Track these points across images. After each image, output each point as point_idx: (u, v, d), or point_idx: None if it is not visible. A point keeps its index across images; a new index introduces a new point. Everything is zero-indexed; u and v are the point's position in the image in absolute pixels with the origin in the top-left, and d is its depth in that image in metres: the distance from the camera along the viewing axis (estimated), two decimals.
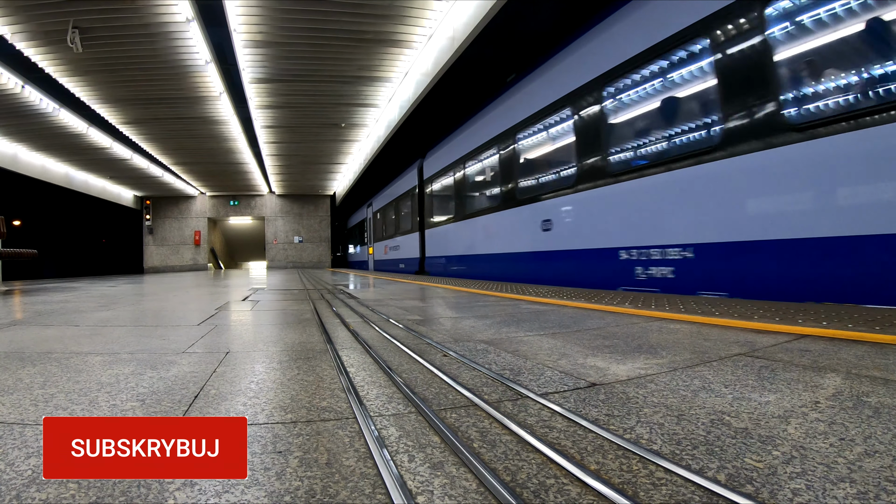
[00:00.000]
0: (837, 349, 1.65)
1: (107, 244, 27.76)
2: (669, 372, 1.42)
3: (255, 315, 3.13)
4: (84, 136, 12.42)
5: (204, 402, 1.19)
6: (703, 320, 2.36)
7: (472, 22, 6.53)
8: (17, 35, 7.27)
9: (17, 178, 13.87)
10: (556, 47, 5.60)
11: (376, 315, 2.99)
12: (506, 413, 1.08)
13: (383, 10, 7.04)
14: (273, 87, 9.77)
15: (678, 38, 3.75)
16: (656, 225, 4.08)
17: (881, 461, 0.79)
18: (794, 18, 3.00)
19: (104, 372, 1.51)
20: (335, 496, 0.72)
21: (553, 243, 5.46)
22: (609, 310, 2.94)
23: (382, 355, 1.74)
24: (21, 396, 1.24)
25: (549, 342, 1.97)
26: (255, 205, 22.30)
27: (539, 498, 0.71)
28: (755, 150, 3.19)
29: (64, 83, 9.09)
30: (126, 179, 18.19)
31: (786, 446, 0.86)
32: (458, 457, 0.85)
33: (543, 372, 1.46)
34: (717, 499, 0.69)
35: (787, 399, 1.13)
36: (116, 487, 0.74)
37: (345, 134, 13.14)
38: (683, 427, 0.97)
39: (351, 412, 1.11)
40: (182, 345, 2.00)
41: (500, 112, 6.88)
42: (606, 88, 4.55)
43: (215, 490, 0.74)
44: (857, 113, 2.67)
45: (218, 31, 7.62)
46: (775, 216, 3.14)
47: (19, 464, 0.83)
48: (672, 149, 3.94)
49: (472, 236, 7.76)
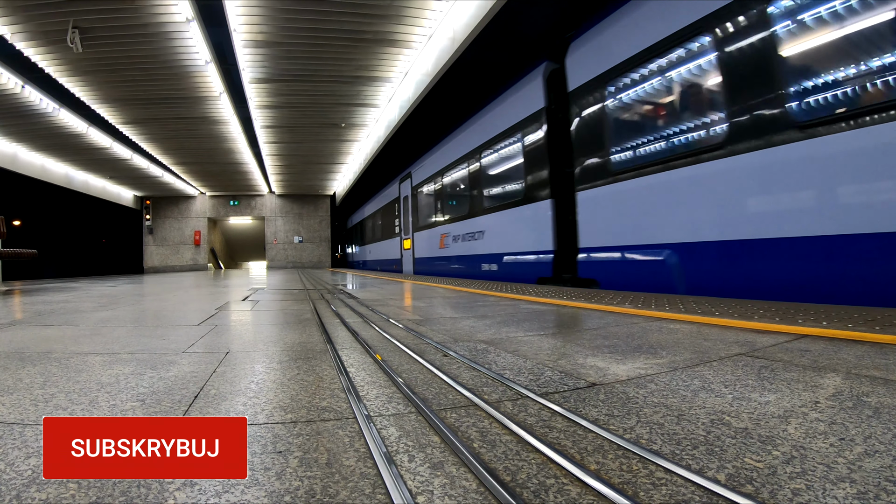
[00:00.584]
0: (837, 349, 1.65)
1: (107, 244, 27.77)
2: (669, 372, 1.42)
3: (255, 315, 3.13)
4: (84, 136, 12.42)
5: (204, 402, 1.19)
6: (703, 320, 2.36)
7: (472, 22, 6.53)
8: (17, 35, 7.27)
9: (17, 178, 13.87)
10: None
11: (376, 315, 2.99)
12: (506, 413, 1.08)
13: (383, 10, 7.04)
14: (273, 87, 9.77)
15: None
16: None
17: (881, 461, 0.79)
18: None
19: (104, 372, 1.51)
20: (335, 496, 0.72)
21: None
22: (609, 310, 2.94)
23: (382, 355, 1.74)
24: (21, 396, 1.24)
25: (549, 342, 1.97)
26: (255, 205, 22.30)
27: (539, 498, 0.71)
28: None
29: (64, 83, 9.09)
30: (126, 179, 18.19)
31: (786, 446, 0.86)
32: (458, 457, 0.85)
33: (543, 372, 1.46)
34: (717, 499, 0.69)
35: (787, 399, 1.13)
36: (116, 487, 0.74)
37: (345, 134, 13.15)
38: (683, 427, 0.97)
39: (351, 412, 1.11)
40: (182, 345, 2.00)
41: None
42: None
43: (215, 490, 0.74)
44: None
45: (218, 31, 7.62)
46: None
47: (19, 464, 0.83)
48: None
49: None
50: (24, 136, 12.20)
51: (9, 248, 6.95)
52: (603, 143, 4.77)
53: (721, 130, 3.62)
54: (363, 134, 13.18)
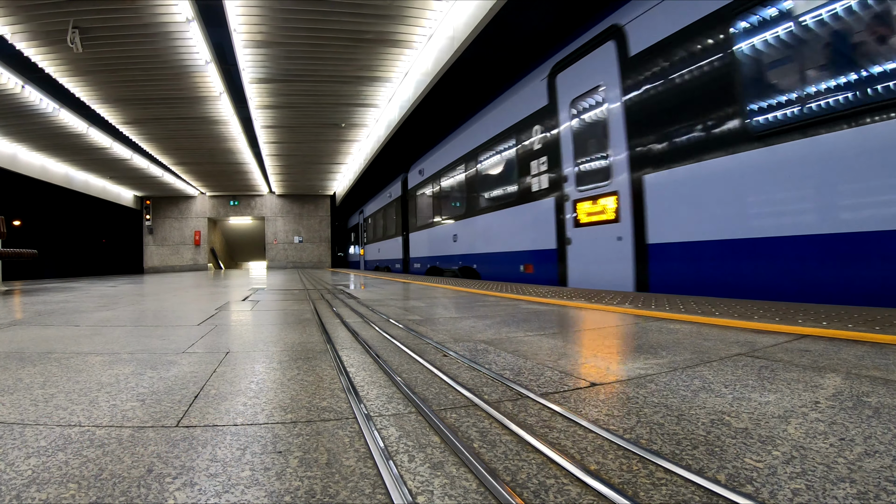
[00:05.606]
0: (837, 349, 1.65)
1: (107, 244, 27.78)
2: (669, 372, 1.42)
3: (255, 315, 3.13)
4: (84, 136, 12.43)
5: (204, 402, 1.19)
6: (703, 320, 2.36)
7: (472, 22, 6.53)
8: (17, 35, 7.27)
9: (17, 178, 13.88)
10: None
11: (376, 315, 2.99)
12: (506, 413, 1.08)
13: (383, 10, 7.04)
14: (273, 87, 9.78)
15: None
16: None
17: (881, 461, 0.79)
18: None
19: (104, 372, 1.51)
20: (335, 496, 0.72)
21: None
22: (609, 310, 2.94)
23: (382, 355, 1.74)
24: (21, 396, 1.24)
25: (549, 342, 1.97)
26: (255, 205, 22.31)
27: (539, 498, 0.71)
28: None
29: (64, 83, 9.09)
30: (126, 179, 18.20)
31: (786, 446, 0.86)
32: (458, 457, 0.85)
33: (543, 372, 1.46)
34: (717, 499, 0.69)
35: (787, 399, 1.13)
36: (116, 487, 0.74)
37: (345, 134, 13.15)
38: (683, 427, 0.97)
39: (351, 412, 1.11)
40: (182, 345, 2.00)
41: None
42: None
43: (215, 490, 0.74)
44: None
45: (218, 31, 7.63)
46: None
47: (19, 464, 0.83)
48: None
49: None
50: (24, 136, 12.21)
51: (9, 248, 6.95)
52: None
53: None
54: (363, 134, 13.19)
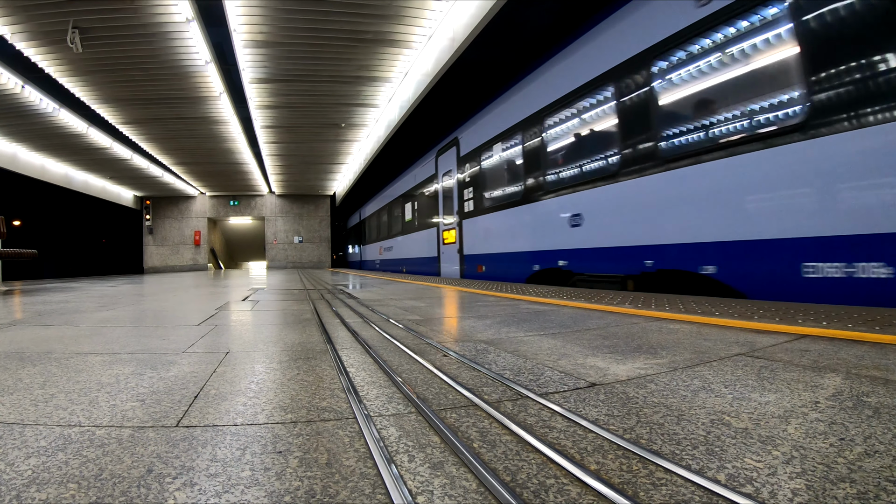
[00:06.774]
0: (837, 349, 1.65)
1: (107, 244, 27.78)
2: (669, 372, 1.42)
3: (255, 315, 3.13)
4: (84, 136, 12.42)
5: (204, 402, 1.19)
6: (703, 320, 2.36)
7: (472, 22, 6.53)
8: (17, 35, 7.27)
9: (16, 178, 13.88)
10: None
11: (376, 315, 2.99)
12: (506, 413, 1.08)
13: (383, 10, 7.04)
14: (273, 87, 9.77)
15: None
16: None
17: (881, 461, 0.79)
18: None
19: (104, 372, 1.51)
20: (335, 496, 0.72)
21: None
22: (609, 310, 2.94)
23: (382, 355, 1.74)
24: (21, 396, 1.24)
25: (549, 342, 1.97)
26: (255, 205, 22.31)
27: (539, 498, 0.71)
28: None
29: (64, 83, 9.09)
30: (126, 179, 18.19)
31: (786, 446, 0.86)
32: (458, 457, 0.85)
33: (543, 372, 1.46)
34: (716, 499, 0.69)
35: (787, 399, 1.13)
36: (116, 487, 0.74)
37: (345, 134, 13.15)
38: (683, 427, 0.97)
39: (351, 412, 1.11)
40: (182, 345, 2.00)
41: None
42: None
43: (215, 490, 0.74)
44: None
45: (218, 31, 7.63)
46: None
47: (19, 464, 0.83)
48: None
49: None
50: (24, 136, 12.21)
51: (9, 248, 6.95)
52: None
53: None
54: (363, 134, 13.19)
